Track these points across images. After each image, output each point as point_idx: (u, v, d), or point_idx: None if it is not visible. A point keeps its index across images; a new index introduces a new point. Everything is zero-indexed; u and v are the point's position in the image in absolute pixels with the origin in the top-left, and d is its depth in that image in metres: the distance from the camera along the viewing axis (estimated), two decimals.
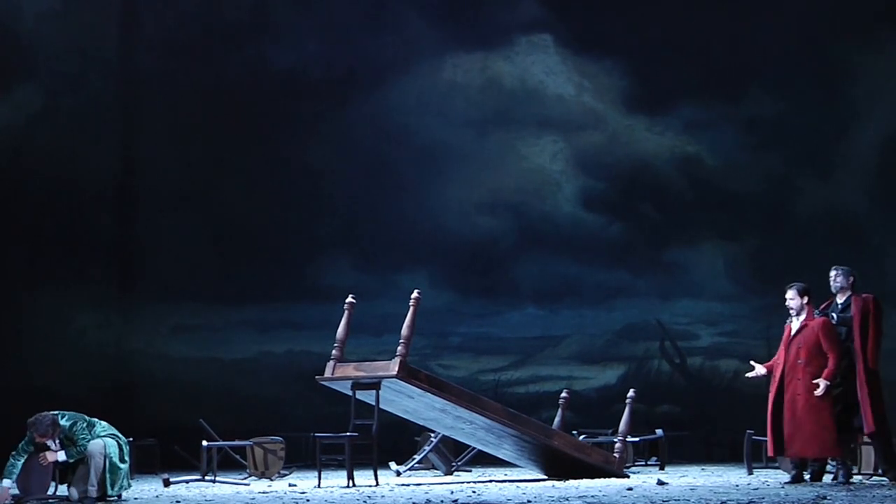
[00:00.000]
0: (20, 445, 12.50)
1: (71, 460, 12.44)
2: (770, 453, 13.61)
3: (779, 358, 13.58)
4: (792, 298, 13.55)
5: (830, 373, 13.22)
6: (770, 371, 13.65)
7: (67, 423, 12.48)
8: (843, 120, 21.70)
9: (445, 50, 22.38)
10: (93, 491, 12.41)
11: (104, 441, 12.49)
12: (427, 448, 16.29)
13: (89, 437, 12.49)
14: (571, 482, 14.24)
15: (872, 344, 13.36)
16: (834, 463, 13.70)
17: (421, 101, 22.33)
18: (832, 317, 13.46)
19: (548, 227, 22.25)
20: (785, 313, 13.78)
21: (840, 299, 13.57)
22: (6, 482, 12.43)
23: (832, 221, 21.57)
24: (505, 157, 22.39)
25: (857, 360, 13.30)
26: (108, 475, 12.45)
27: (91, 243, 22.00)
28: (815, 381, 13.20)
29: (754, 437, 15.82)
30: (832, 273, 13.63)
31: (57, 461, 12.43)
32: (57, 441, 12.44)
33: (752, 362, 13.99)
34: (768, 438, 13.45)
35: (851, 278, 13.55)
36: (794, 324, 13.54)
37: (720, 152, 22.13)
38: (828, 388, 13.20)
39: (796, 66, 21.74)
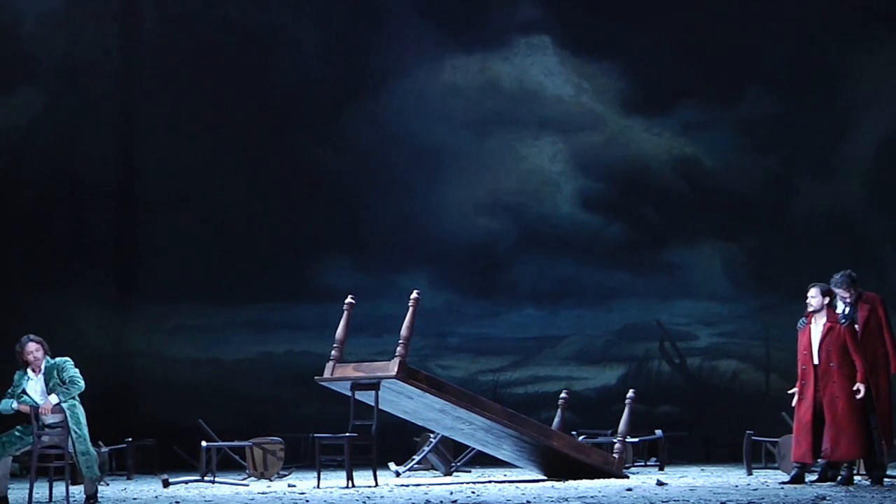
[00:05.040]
0: (8, 391, 12.46)
1: (65, 398, 12.22)
2: (806, 459, 13.41)
3: (804, 363, 13.53)
4: (814, 297, 13.46)
5: (863, 376, 13.23)
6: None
7: (63, 358, 12.43)
8: (841, 121, 21.71)
9: (445, 52, 22.38)
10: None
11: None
12: (426, 448, 16.30)
13: (75, 377, 12.35)
14: (571, 483, 14.25)
15: (893, 350, 13.39)
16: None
17: (420, 102, 22.34)
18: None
19: (547, 227, 22.26)
20: (785, 314, 13.78)
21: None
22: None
23: (830, 222, 21.58)
24: (504, 158, 22.40)
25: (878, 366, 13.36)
26: (80, 457, 12.28)
27: (91, 244, 22.00)
28: (855, 388, 13.18)
29: (753, 438, 15.83)
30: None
31: (57, 403, 12.20)
32: (42, 367, 12.31)
33: (789, 392, 13.83)
34: (802, 443, 13.33)
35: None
36: (815, 327, 13.46)
37: (718, 153, 22.14)
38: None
39: (794, 67, 21.76)
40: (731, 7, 21.73)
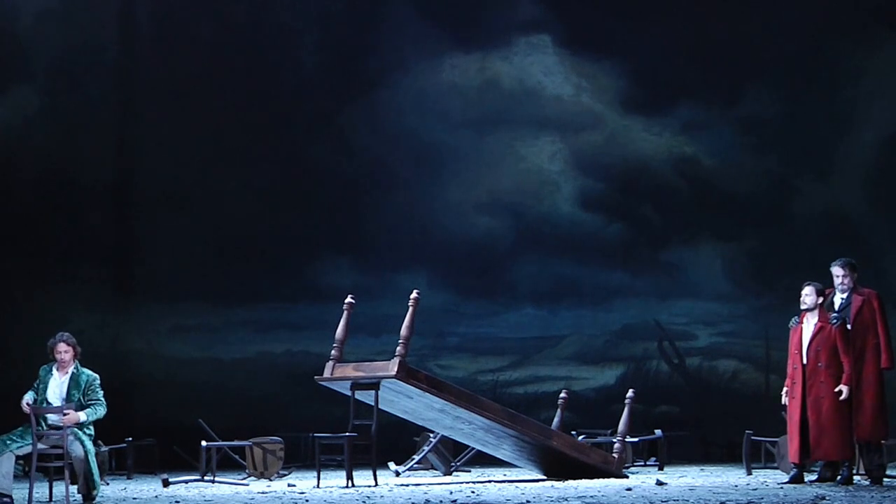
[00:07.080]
0: (33, 384, 12.52)
1: (90, 419, 12.32)
2: (796, 460, 13.50)
3: (794, 363, 13.54)
4: (808, 295, 13.52)
5: (849, 377, 13.25)
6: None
7: (94, 374, 12.50)
8: (841, 120, 21.70)
9: (444, 50, 22.38)
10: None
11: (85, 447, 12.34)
12: (426, 448, 16.29)
13: (102, 401, 12.43)
14: (570, 482, 14.24)
15: (885, 342, 13.40)
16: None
17: (419, 101, 22.33)
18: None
19: (546, 227, 22.25)
20: (785, 313, 13.77)
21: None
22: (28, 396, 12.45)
23: (830, 222, 21.58)
24: (503, 158, 22.40)
25: (864, 362, 13.34)
26: (92, 470, 12.31)
27: (88, 243, 21.98)
28: (838, 389, 13.21)
29: (753, 438, 15.83)
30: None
31: (79, 421, 12.28)
32: (69, 371, 12.37)
33: (782, 393, 13.89)
34: (794, 444, 13.38)
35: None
36: (807, 326, 13.49)
37: (718, 153, 22.14)
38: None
39: (794, 66, 21.75)
40: (731, 6, 21.72)
